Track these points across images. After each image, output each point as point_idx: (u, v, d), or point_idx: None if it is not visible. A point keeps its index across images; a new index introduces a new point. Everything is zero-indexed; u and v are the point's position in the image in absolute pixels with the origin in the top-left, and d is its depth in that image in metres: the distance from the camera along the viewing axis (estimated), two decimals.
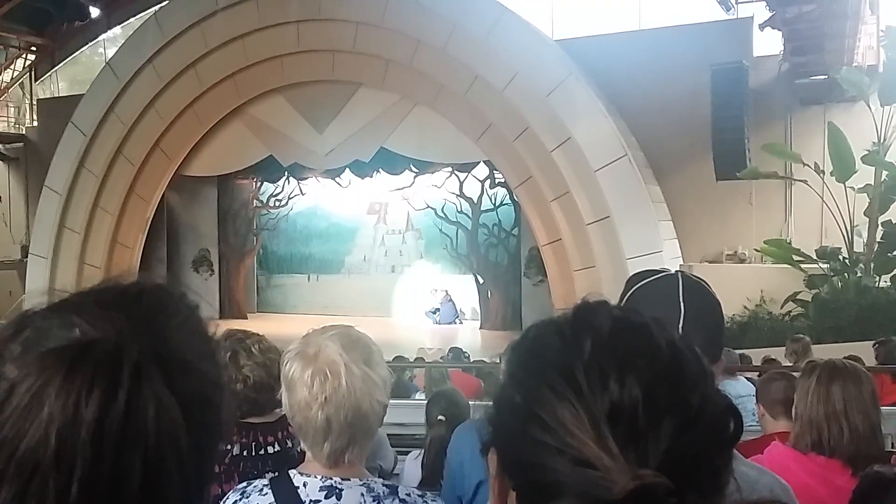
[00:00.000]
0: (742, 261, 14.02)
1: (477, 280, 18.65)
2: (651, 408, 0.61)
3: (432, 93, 15.11)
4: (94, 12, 21.04)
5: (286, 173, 19.33)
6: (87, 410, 0.56)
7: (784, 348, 7.72)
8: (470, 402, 3.65)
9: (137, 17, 20.09)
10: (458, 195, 18.86)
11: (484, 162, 16.61)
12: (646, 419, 0.61)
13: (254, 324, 17.31)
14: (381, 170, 18.13)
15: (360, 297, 20.48)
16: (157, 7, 18.57)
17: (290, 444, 2.25)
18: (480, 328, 18.20)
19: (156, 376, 0.60)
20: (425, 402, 4.19)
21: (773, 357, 7.62)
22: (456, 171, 18.38)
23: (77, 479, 0.56)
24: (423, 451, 3.37)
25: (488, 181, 18.27)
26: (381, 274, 20.95)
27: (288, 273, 21.87)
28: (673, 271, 1.50)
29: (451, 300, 19.63)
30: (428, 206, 19.50)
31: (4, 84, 22.61)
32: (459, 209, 18.98)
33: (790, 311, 11.96)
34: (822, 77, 13.28)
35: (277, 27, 15.98)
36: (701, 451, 0.62)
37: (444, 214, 19.21)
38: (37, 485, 0.56)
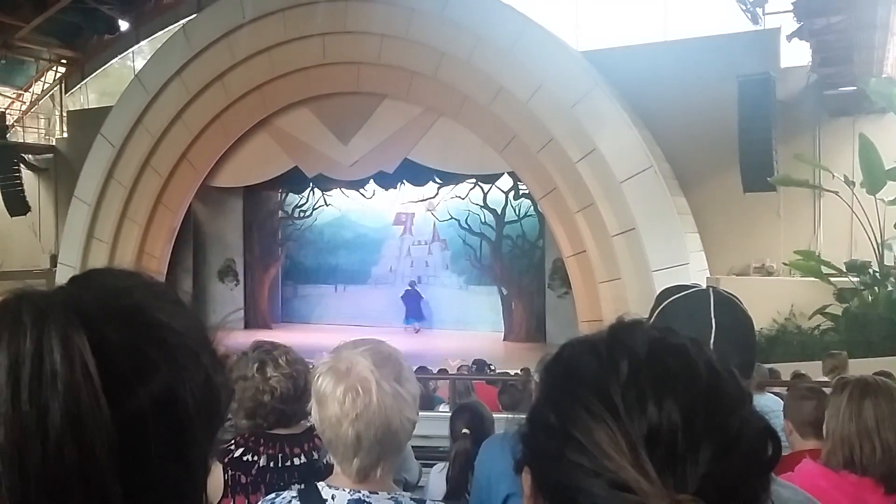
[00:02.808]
0: (770, 274, 13.86)
1: (501, 291, 18.62)
2: (690, 432, 0.61)
3: (456, 104, 15.15)
4: (124, 25, 21.36)
5: (311, 184, 19.49)
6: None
7: (814, 363, 7.61)
8: (494, 415, 3.63)
9: (166, 30, 20.37)
10: (482, 206, 18.87)
11: (508, 173, 16.60)
12: (684, 443, 0.61)
13: (279, 334, 17.40)
14: (405, 181, 18.22)
15: (386, 308, 20.52)
16: (185, 20, 18.85)
17: (315, 456, 2.25)
18: (504, 340, 18.15)
19: (69, 320, 0.59)
20: (449, 414, 4.18)
21: (802, 371, 7.51)
22: (480, 183, 18.41)
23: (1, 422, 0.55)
24: (447, 464, 3.35)
25: (512, 192, 18.27)
26: (406, 285, 20.98)
27: (314, 283, 21.94)
28: (704, 287, 1.48)
29: (416, 290, 19.90)
30: (452, 218, 19.55)
31: (35, 96, 23.04)
32: (483, 220, 18.99)
33: (819, 325, 11.80)
34: (851, 88, 13.14)
35: (303, 40, 16.12)
36: (739, 475, 0.62)
37: (468, 226, 19.23)
38: None
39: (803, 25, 12.58)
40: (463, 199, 19.10)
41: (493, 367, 11.07)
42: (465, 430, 3.31)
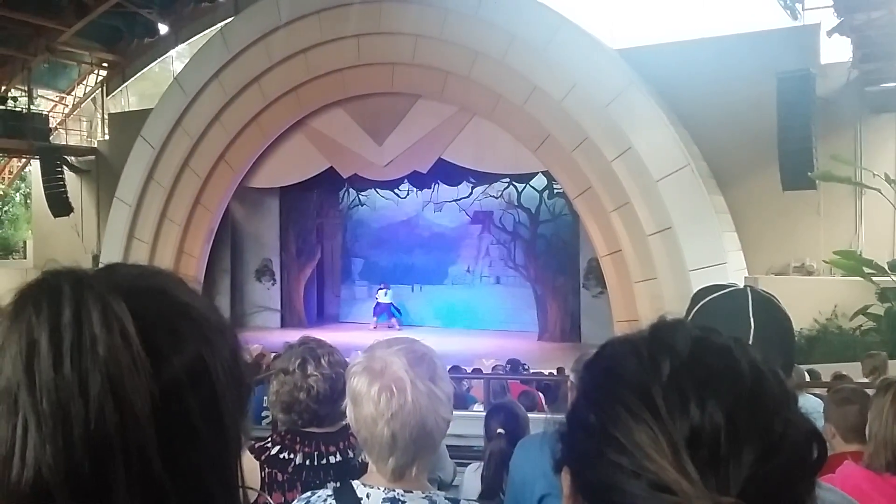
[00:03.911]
0: (809, 273, 13.62)
1: (535, 291, 18.55)
2: (733, 434, 0.60)
3: (490, 104, 15.12)
4: (163, 29, 21.69)
5: (346, 184, 19.59)
6: (40, 326, 0.59)
7: (855, 364, 7.45)
8: (529, 415, 3.62)
9: (204, 33, 20.64)
10: (516, 206, 18.82)
11: (542, 172, 16.53)
12: (727, 445, 0.60)
13: (333, 335, 17.50)
14: (439, 181, 18.24)
15: (464, 309, 20.40)
16: (222, 23, 19.07)
17: (350, 455, 2.26)
18: (538, 339, 18.08)
19: (107, 289, 0.61)
20: (483, 413, 4.17)
21: (843, 373, 7.36)
22: (514, 182, 18.36)
23: (43, 388, 0.57)
24: (482, 463, 3.35)
25: (546, 192, 18.19)
26: (485, 285, 20.74)
27: (391, 284, 21.47)
28: (742, 286, 1.46)
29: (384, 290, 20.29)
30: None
31: (77, 99, 23.51)
32: (517, 220, 18.93)
33: (861, 326, 11.56)
34: (893, 84, 12.88)
35: (338, 41, 16.21)
36: (783, 478, 0.60)
37: (502, 225, 19.19)
38: (8, 406, 0.58)
39: (844, 21, 12.35)
40: (497, 198, 19.06)
41: (527, 367, 11.04)
42: (500, 430, 3.30)
